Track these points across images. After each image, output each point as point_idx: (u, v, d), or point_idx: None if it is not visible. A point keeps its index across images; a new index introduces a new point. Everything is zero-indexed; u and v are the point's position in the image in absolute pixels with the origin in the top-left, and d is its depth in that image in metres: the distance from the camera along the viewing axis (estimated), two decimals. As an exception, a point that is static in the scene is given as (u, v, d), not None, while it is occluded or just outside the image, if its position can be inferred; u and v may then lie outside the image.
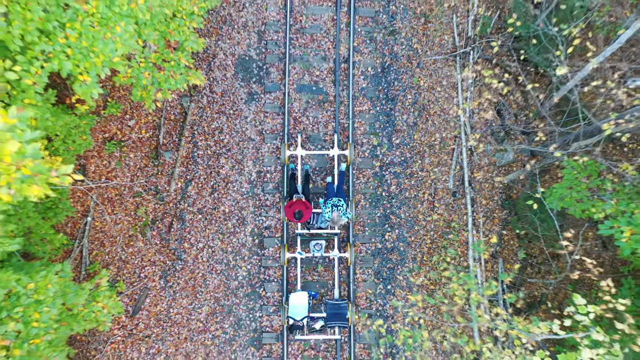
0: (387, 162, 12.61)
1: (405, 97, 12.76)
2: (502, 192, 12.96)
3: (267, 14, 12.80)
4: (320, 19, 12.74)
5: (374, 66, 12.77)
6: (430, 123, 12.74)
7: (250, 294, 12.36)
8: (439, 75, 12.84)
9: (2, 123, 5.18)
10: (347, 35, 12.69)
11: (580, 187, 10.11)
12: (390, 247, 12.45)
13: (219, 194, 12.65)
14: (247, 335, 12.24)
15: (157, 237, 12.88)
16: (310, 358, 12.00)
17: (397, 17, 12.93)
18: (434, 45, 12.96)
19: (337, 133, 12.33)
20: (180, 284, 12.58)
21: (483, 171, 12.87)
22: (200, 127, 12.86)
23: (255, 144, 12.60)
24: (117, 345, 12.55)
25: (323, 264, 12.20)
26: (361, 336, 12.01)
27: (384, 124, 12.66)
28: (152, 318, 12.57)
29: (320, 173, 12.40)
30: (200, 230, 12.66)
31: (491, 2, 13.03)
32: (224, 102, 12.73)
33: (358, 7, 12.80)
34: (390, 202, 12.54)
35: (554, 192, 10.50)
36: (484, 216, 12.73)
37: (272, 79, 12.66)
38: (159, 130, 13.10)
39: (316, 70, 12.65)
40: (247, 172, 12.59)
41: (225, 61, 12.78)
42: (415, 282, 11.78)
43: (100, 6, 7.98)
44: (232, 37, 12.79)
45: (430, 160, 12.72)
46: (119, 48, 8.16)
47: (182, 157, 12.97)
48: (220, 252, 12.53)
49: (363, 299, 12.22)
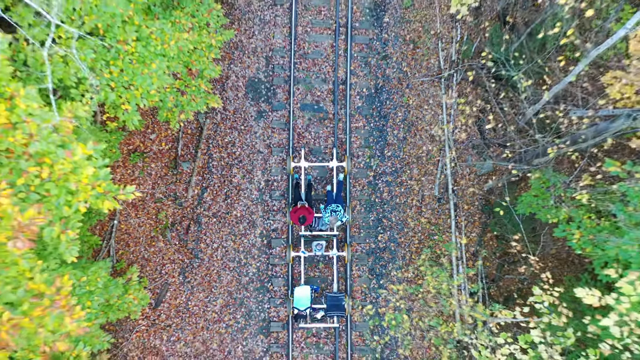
0: (379, 172, 14.29)
1: (396, 115, 14.45)
2: (482, 198, 14.63)
3: (274, 41, 14.47)
4: (321, 45, 14.42)
5: (369, 87, 14.45)
6: (418, 137, 14.42)
7: (260, 288, 14.04)
8: (426, 95, 14.52)
9: (82, 153, 6.86)
10: (344, 60, 14.37)
11: (545, 195, 11.79)
12: (382, 247, 14.13)
13: (231, 200, 14.32)
14: (256, 324, 13.92)
15: (176, 238, 14.55)
16: (313, 344, 13.68)
17: (389, 44, 14.61)
18: (422, 68, 14.64)
19: (335, 147, 14.01)
20: (197, 280, 14.25)
21: (465, 180, 14.54)
22: (215, 141, 14.54)
23: (264, 156, 14.28)
24: (141, 333, 14.21)
25: (323, 262, 13.88)
26: (357, 325, 13.69)
27: (377, 138, 14.35)
28: (173, 310, 14.23)
29: (321, 182, 14.08)
30: (214, 232, 14.33)
31: (472, 29, 14.70)
32: (236, 119, 14.41)
33: (354, 35, 14.48)
34: (383, 207, 14.22)
35: (523, 200, 12.18)
36: (465, 220, 14.39)
37: (278, 99, 14.35)
38: (178, 143, 14.76)
39: (317, 91, 14.33)
40: (257, 180, 14.27)
41: (237, 83, 14.46)
42: (404, 277, 13.46)
43: (138, 46, 9.68)
44: (243, 62, 14.47)
45: (418, 170, 14.39)
46: (154, 82, 9.85)
47: (198, 167, 14.64)
48: (233, 251, 14.21)
49: (359, 293, 13.90)
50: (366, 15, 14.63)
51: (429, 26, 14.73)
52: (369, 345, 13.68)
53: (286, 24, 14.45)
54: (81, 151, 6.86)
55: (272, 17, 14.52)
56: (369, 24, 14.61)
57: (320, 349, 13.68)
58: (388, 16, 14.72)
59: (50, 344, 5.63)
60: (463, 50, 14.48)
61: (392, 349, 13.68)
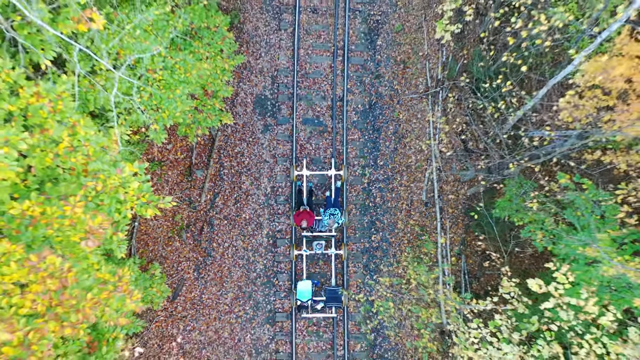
0: (373, 179, 16.01)
1: (387, 128, 16.16)
2: (465, 202, 16.34)
3: (279, 62, 16.18)
4: (321, 66, 16.13)
5: (363, 103, 16.17)
6: (407, 148, 16.13)
7: (266, 282, 15.75)
8: (414, 110, 16.24)
9: (129, 171, 8.58)
10: (342, 79, 16.09)
11: (518, 200, 13.50)
12: (375, 246, 15.85)
13: (240, 204, 16.03)
14: (263, 315, 15.64)
15: (191, 238, 16.26)
16: (313, 332, 15.40)
17: (381, 64, 16.33)
18: (411, 86, 16.35)
19: (334, 157, 15.73)
20: (210, 275, 15.96)
21: (449, 186, 16.26)
22: (226, 151, 16.25)
23: (270, 165, 15.99)
24: (160, 323, 15.92)
25: (323, 259, 15.59)
26: (353, 315, 15.42)
27: (370, 149, 16.07)
28: (188, 302, 15.94)
29: (321, 188, 15.78)
30: (225, 232, 16.04)
31: (457, 50, 16.40)
32: (244, 132, 16.12)
33: (350, 57, 16.19)
34: (376, 210, 15.94)
35: (499, 204, 13.89)
36: (450, 222, 16.10)
37: (282, 114, 16.06)
38: (192, 152, 16.46)
39: (317, 107, 16.05)
40: (263, 187, 15.99)
41: (246, 99, 16.17)
42: (395, 272, 15.17)
43: (164, 75, 11.40)
44: (251, 80, 16.18)
45: (407, 178, 16.11)
46: (179, 106, 11.58)
47: (211, 175, 16.34)
48: (242, 250, 15.92)
49: (354, 287, 15.61)
50: (361, 39, 16.35)
51: (417, 48, 16.44)
52: (363, 334, 15.39)
53: (289, 47, 16.17)
54: (129, 169, 8.58)
55: (277, 40, 16.23)
56: (363, 47, 16.33)
57: (320, 336, 15.40)
58: (381, 39, 16.43)
59: (114, 319, 7.35)
60: (448, 70, 16.19)
61: (383, 337, 15.39)
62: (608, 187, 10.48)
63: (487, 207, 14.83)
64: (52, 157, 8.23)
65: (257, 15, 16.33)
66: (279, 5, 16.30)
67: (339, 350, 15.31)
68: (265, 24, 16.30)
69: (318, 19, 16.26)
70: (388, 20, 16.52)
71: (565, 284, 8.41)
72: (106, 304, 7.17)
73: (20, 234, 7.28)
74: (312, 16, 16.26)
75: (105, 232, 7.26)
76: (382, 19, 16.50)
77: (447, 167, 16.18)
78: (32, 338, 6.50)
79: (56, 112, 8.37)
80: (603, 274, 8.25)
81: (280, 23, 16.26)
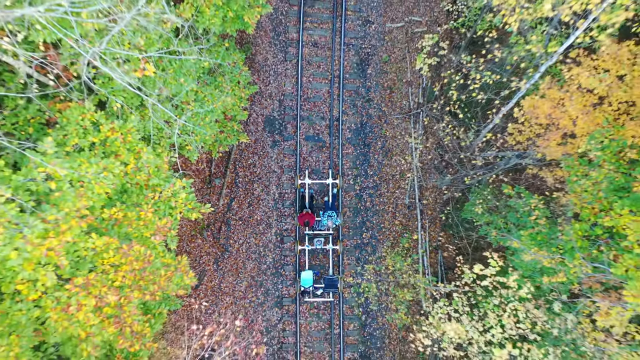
0: (364, 186, 19.10)
1: (376, 144, 19.26)
2: (442, 206, 19.42)
3: (285, 88, 19.27)
4: (320, 91, 19.23)
5: (356, 123, 19.26)
6: (393, 161, 19.23)
7: (275, 273, 18.84)
8: (399, 128, 19.32)
9: (179, 184, 11.68)
10: (338, 102, 19.17)
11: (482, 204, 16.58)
12: (366, 242, 18.94)
13: (253, 207, 19.12)
14: (272, 300, 18.72)
15: (211, 236, 19.34)
16: (314, 314, 18.49)
17: (371, 90, 19.42)
18: (396, 108, 19.44)
19: (331, 168, 18.82)
20: (227, 267, 19.04)
21: (429, 192, 19.33)
22: (240, 163, 19.34)
23: (277, 174, 19.09)
24: (186, 307, 18.98)
25: (322, 253, 18.67)
26: (347, 300, 18.51)
27: (362, 161, 19.16)
28: (209, 290, 19.01)
29: (320, 194, 18.87)
30: (240, 231, 19.12)
31: (435, 78, 19.47)
32: (256, 147, 19.21)
33: (345, 84, 19.29)
34: (366, 213, 19.03)
35: (466, 208, 16.96)
36: (429, 222, 19.19)
37: (288, 132, 19.15)
38: (211, 164, 19.54)
39: (317, 126, 19.14)
40: (272, 193, 19.08)
41: (257, 119, 19.26)
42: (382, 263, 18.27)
43: (196, 106, 14.45)
44: (261, 103, 19.27)
45: (393, 185, 19.20)
46: (207, 131, 14.64)
47: (227, 183, 19.42)
48: (254, 246, 19.01)
49: (348, 276, 18.70)
50: (354, 69, 19.45)
51: (402, 76, 19.54)
52: (356, 315, 18.49)
53: (294, 75, 19.26)
54: (179, 184, 11.69)
55: (284, 70, 19.33)
56: (356, 75, 19.43)
57: (320, 317, 18.50)
58: (371, 69, 19.53)
59: (176, 291, 10.43)
60: (427, 95, 19.27)
61: (372, 318, 18.48)
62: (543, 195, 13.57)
63: (458, 210, 17.92)
64: (123, 175, 11.33)
65: (267, 48, 19.43)
66: (285, 40, 19.40)
67: (335, 329, 18.40)
68: (274, 56, 19.40)
69: (318, 51, 19.35)
70: (377, 53, 19.61)
71: (496, 267, 11.49)
72: (170, 280, 10.26)
73: (107, 232, 10.38)
74: (313, 49, 19.35)
75: (167, 230, 10.36)
76: (372, 51, 19.59)
77: (426, 177, 19.27)
78: (123, 302, 9.58)
79: (126, 142, 11.50)
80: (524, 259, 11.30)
81: (286, 55, 19.36)
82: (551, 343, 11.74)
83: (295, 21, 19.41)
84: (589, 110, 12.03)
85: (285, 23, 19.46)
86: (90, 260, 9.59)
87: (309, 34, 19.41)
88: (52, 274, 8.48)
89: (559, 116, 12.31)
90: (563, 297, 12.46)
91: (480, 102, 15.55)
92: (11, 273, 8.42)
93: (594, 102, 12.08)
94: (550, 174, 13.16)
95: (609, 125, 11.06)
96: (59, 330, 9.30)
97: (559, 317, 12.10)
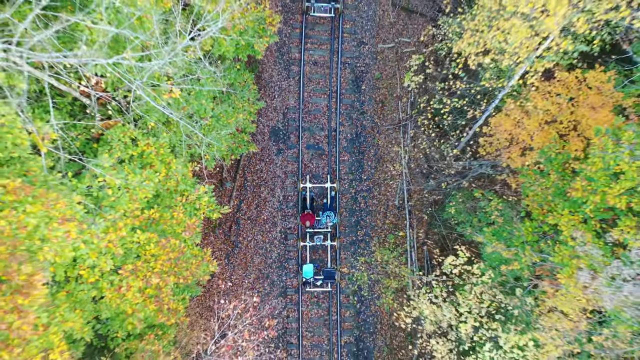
0: (359, 189, 21.53)
1: (369, 152, 21.68)
2: (429, 206, 21.82)
3: (288, 102, 21.69)
4: (320, 105, 21.65)
5: (351, 133, 21.68)
6: (385, 167, 21.65)
7: (279, 266, 21.26)
8: (390, 138, 21.74)
9: (202, 190, 14.11)
10: (335, 115, 21.59)
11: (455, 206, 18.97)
12: (360, 239, 21.36)
13: (260, 208, 21.54)
14: (278, 290, 21.14)
15: (223, 234, 21.74)
16: (314, 303, 20.91)
17: (365, 104, 21.84)
18: (387, 120, 21.86)
19: (329, 173, 21.25)
20: (237, 261, 21.45)
21: (416, 194, 21.75)
22: (248, 168, 21.75)
23: (282, 179, 21.50)
24: (201, 296, 21.40)
25: (322, 249, 21.09)
26: (343, 290, 20.93)
27: (357, 167, 21.58)
28: (221, 281, 21.43)
29: (320, 196, 21.29)
30: (249, 229, 21.54)
31: (422, 92, 21.87)
32: (263, 154, 21.64)
33: (342, 98, 21.71)
34: (360, 213, 21.45)
35: (447, 209, 19.36)
36: (416, 221, 21.60)
37: (291, 141, 21.57)
38: (223, 169, 21.94)
39: (317, 136, 21.56)
40: (277, 195, 21.50)
41: (264, 130, 21.69)
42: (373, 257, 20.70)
43: (213, 121, 16.86)
44: (267, 116, 21.70)
45: (384, 188, 21.62)
46: (223, 143, 17.03)
47: (237, 186, 21.83)
48: (261, 242, 21.42)
49: (345, 269, 21.12)
50: (350, 85, 21.87)
51: (392, 91, 21.96)
52: (351, 303, 20.92)
53: (296, 91, 21.68)
54: (202, 189, 14.12)
55: (287, 85, 21.75)
56: (351, 91, 21.86)
57: (320, 305, 20.93)
58: (365, 85, 21.96)
59: (203, 276, 12.85)
60: (415, 108, 21.69)
61: (366, 306, 20.89)
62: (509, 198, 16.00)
63: (440, 211, 20.34)
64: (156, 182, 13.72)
65: (272, 66, 21.86)
66: (288, 59, 21.82)
67: (333, 316, 20.82)
68: (278, 73, 21.83)
69: (318, 69, 21.79)
70: (370, 70, 22.05)
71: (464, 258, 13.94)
72: (198, 267, 12.69)
73: (147, 228, 12.80)
74: (313, 68, 21.78)
75: (195, 228, 12.80)
76: (366, 69, 22.03)
77: (413, 181, 21.70)
78: (161, 285, 12.00)
79: (159, 154, 13.90)
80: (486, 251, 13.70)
81: (289, 73, 21.78)
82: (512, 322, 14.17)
83: (297, 42, 21.84)
84: (543, 127, 14.45)
85: (289, 44, 21.89)
86: (135, 251, 12.02)
87: (310, 53, 21.83)
88: (110, 261, 10.91)
89: (518, 132, 14.73)
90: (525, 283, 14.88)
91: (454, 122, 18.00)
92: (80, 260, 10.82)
93: (548, 120, 14.50)
94: (514, 180, 15.57)
95: (556, 141, 13.47)
96: (112, 307, 11.73)
97: (519, 300, 14.51)
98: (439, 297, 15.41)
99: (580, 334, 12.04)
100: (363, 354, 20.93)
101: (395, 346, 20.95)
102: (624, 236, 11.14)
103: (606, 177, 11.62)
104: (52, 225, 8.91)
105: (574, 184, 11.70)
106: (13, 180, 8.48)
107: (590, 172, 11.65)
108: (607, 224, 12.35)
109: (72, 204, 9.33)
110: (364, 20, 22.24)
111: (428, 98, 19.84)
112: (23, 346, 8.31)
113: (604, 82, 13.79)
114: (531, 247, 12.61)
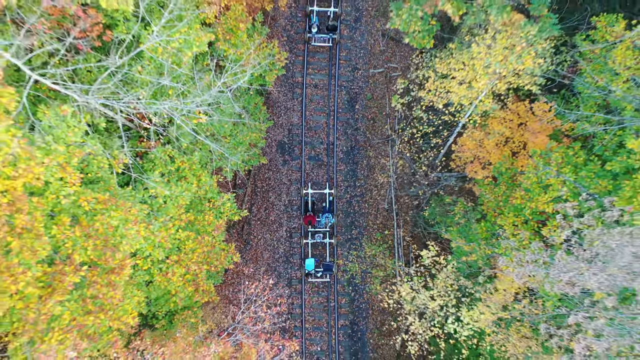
0: (353, 195, 25.13)
1: (362, 162, 25.29)
2: (414, 209, 25.40)
3: (292, 120, 25.29)
4: (319, 122, 25.25)
5: (347, 147, 25.29)
6: (376, 175, 25.24)
7: (285, 260, 24.86)
8: (380, 150, 25.33)
9: (226, 197, 17.73)
10: (333, 131, 25.19)
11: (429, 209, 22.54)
12: (354, 237, 24.95)
13: (268, 211, 25.13)
14: (284, 280, 24.74)
15: (236, 233, 25.33)
16: (315, 291, 24.51)
17: (358, 121, 25.45)
18: (377, 135, 25.44)
19: (328, 181, 24.85)
20: (249, 257, 25.04)
21: (403, 198, 25.34)
22: (258, 176, 25.35)
23: (287, 186, 25.10)
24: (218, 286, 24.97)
25: (321, 245, 24.69)
26: (340, 280, 24.53)
27: (352, 176, 25.18)
28: (235, 274, 25.00)
29: (320, 201, 24.88)
30: (259, 229, 25.13)
31: (406, 113, 25.42)
32: (270, 165, 25.23)
33: (338, 116, 25.31)
34: (355, 215, 25.05)
35: (430, 211, 22.96)
36: (403, 221, 25.18)
37: (295, 153, 25.17)
38: (236, 177, 25.53)
39: (318, 149, 25.15)
40: (283, 200, 25.09)
41: (271, 143, 25.28)
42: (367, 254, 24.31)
43: (231, 140, 20.38)
44: (275, 131, 25.29)
45: (376, 193, 25.21)
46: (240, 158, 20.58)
47: (248, 192, 25.42)
48: (270, 240, 25.01)
49: (341, 262, 24.71)
50: (345, 105, 25.47)
51: (382, 110, 25.55)
52: (347, 292, 24.52)
53: (299, 110, 25.28)
54: (226, 197, 17.73)
55: (292, 105, 25.34)
56: (346, 110, 25.46)
57: (320, 294, 24.52)
58: (358, 105, 25.56)
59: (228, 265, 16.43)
60: (401, 125, 25.27)
61: (360, 295, 24.47)
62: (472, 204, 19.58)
63: (421, 212, 23.94)
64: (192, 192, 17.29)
65: (279, 89, 25.46)
66: (292, 83, 25.42)
67: (331, 303, 24.41)
68: (284, 95, 25.43)
69: (318, 92, 25.39)
70: (363, 92, 25.65)
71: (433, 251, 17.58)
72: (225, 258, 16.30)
73: (185, 228, 16.39)
74: (314, 90, 25.38)
75: (221, 227, 16.39)
76: (359, 91, 25.63)
77: (400, 187, 25.29)
78: (197, 271, 15.57)
79: (192, 169, 17.47)
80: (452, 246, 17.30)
81: (293, 94, 25.38)
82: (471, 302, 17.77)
83: (300, 68, 25.43)
84: (499, 147, 18.06)
85: (293, 69, 25.48)
86: (177, 245, 15.62)
87: (311, 77, 25.43)
88: (162, 253, 14.50)
89: (479, 151, 18.34)
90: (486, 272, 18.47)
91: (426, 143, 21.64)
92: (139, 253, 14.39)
93: (503, 141, 18.10)
94: (477, 188, 19.17)
95: (507, 158, 17.07)
96: (161, 288, 15.32)
97: (482, 286, 18.10)
98: (416, 284, 19.00)
99: (507, 305, 15.69)
100: (357, 335, 24.54)
101: (384, 330, 24.59)
102: (550, 233, 14.73)
103: (539, 188, 15.22)
104: (127, 226, 12.51)
105: (514, 193, 15.31)
106: (103, 194, 12.08)
107: (527, 185, 15.26)
108: (543, 224, 15.97)
109: (141, 210, 12.93)
110: (357, 48, 25.84)
111: (406, 122, 23.48)
112: (114, 309, 11.87)
113: (546, 111, 17.39)
114: (485, 243, 16.21)
